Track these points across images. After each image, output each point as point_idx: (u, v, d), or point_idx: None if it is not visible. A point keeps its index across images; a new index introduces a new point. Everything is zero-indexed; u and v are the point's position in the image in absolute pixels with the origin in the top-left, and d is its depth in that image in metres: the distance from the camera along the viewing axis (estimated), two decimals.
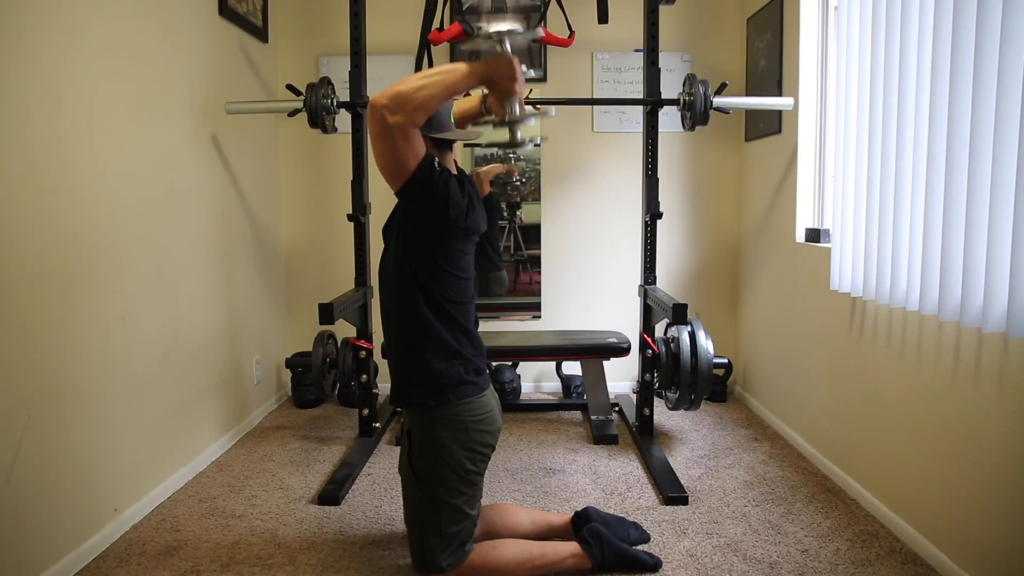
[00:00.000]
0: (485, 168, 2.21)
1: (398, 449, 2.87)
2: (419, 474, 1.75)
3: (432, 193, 1.61)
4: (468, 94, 1.95)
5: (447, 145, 1.78)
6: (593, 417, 3.11)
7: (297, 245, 3.67)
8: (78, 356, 1.98)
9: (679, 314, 2.46)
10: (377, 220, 3.28)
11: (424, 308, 1.70)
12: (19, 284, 1.76)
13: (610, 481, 2.53)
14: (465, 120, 1.94)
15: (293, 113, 2.84)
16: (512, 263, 3.66)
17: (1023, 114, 1.55)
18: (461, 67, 1.52)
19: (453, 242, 1.71)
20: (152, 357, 2.36)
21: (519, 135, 1.53)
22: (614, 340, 3.19)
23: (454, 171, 1.78)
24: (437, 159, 1.63)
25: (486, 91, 1.64)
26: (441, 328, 1.71)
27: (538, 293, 3.69)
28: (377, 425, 2.99)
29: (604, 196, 3.63)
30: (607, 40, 3.50)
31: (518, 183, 2.17)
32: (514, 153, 1.57)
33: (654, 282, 2.92)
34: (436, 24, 2.87)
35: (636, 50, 3.50)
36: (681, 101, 2.81)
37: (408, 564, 1.94)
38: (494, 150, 1.58)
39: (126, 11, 2.22)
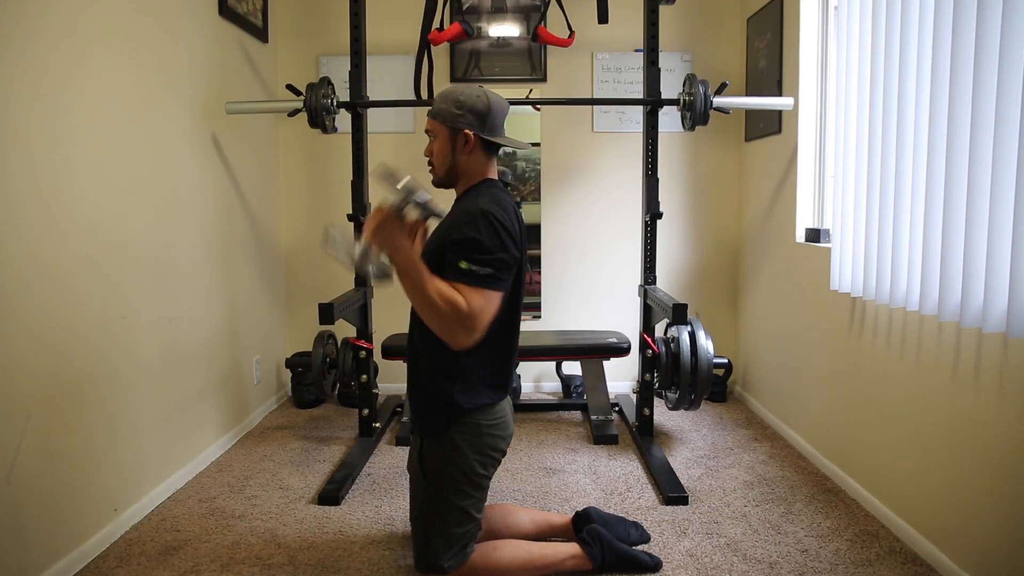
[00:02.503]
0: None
1: (398, 449, 2.88)
2: (428, 474, 1.74)
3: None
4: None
5: (495, 149, 1.77)
6: (593, 417, 3.11)
7: (297, 245, 3.67)
8: (78, 356, 1.98)
9: (679, 314, 2.46)
10: None
11: (464, 354, 1.67)
12: (19, 284, 1.76)
13: (610, 481, 2.53)
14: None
15: (293, 113, 2.84)
16: None
17: (1023, 114, 1.55)
18: (408, 285, 1.54)
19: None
20: (152, 357, 2.36)
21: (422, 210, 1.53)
22: (614, 340, 3.19)
23: (494, 175, 1.78)
24: (492, 273, 1.58)
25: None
26: (478, 370, 1.70)
27: (538, 293, 3.69)
28: (377, 425, 2.99)
29: (604, 196, 3.63)
30: (607, 40, 3.50)
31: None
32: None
33: (654, 282, 2.92)
34: (436, 24, 2.87)
35: (636, 50, 3.50)
36: (681, 101, 2.81)
37: (408, 564, 1.95)
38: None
39: (126, 11, 2.21)
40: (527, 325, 3.67)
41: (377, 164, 1.59)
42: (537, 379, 3.75)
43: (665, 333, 2.90)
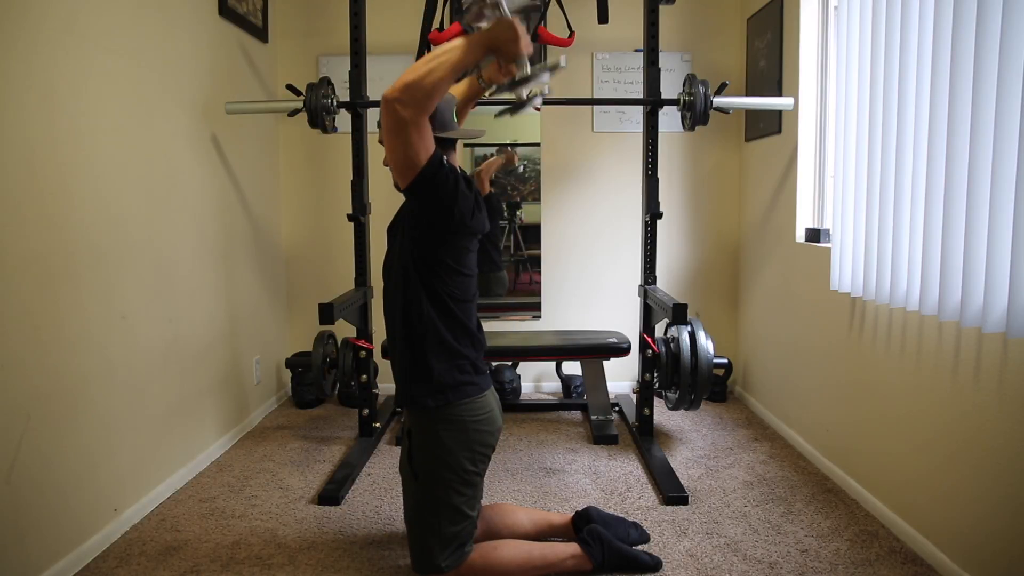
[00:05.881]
0: (485, 164, 2.16)
1: (398, 449, 2.87)
2: (419, 474, 1.75)
3: (441, 189, 1.61)
4: (472, 73, 1.92)
5: (451, 144, 1.77)
6: (593, 417, 3.11)
7: (297, 245, 3.67)
8: (78, 356, 1.98)
9: (679, 314, 2.46)
10: (377, 220, 3.29)
11: (427, 307, 1.70)
12: (19, 284, 1.76)
13: (610, 481, 2.53)
14: (467, 101, 1.94)
15: (293, 113, 2.84)
16: (512, 263, 3.66)
17: (1023, 114, 1.55)
18: (461, 43, 1.50)
19: (459, 239, 1.72)
20: (152, 357, 2.36)
21: (527, 93, 1.51)
22: (614, 340, 3.19)
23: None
24: (445, 157, 1.63)
25: (480, 66, 1.60)
26: (443, 328, 1.71)
27: (538, 293, 3.69)
28: (377, 425, 2.99)
29: (604, 196, 3.63)
30: (607, 40, 3.49)
31: (522, 169, 2.05)
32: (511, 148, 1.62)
33: (654, 282, 2.92)
34: (436, 24, 2.87)
35: (636, 50, 3.50)
36: (681, 101, 2.81)
37: (408, 564, 1.94)
38: (504, 114, 1.58)
39: (126, 11, 2.21)
40: (527, 325, 3.67)
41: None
42: (537, 379, 3.75)
43: (665, 333, 2.90)
